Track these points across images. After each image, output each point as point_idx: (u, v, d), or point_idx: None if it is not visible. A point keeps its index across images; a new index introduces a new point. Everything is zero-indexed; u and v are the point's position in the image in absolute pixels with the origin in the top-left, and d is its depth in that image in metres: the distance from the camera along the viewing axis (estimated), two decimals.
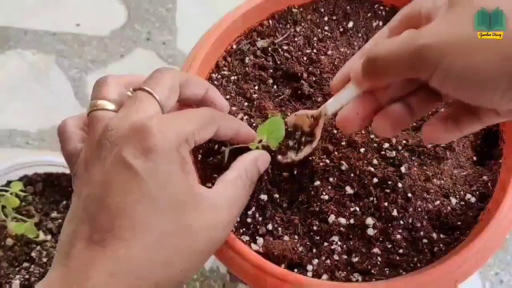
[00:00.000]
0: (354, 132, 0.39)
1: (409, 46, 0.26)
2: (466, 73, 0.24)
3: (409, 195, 0.37)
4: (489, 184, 0.39)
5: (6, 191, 0.56)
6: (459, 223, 0.37)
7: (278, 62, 0.45)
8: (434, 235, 0.37)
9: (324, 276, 0.35)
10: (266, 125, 0.37)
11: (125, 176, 0.28)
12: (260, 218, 0.37)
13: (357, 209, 0.37)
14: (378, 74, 0.29)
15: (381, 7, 0.49)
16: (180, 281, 0.29)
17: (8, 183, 0.60)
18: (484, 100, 0.25)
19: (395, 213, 0.37)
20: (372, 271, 0.35)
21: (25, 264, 0.55)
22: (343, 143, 0.39)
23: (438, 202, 0.38)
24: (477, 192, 0.39)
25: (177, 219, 0.28)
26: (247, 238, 0.37)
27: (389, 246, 0.36)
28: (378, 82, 0.30)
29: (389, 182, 0.37)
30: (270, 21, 0.48)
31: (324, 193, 0.37)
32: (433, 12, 0.27)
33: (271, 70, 0.45)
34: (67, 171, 0.61)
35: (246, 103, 0.43)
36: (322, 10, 0.49)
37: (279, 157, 0.37)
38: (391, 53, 0.27)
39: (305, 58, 0.45)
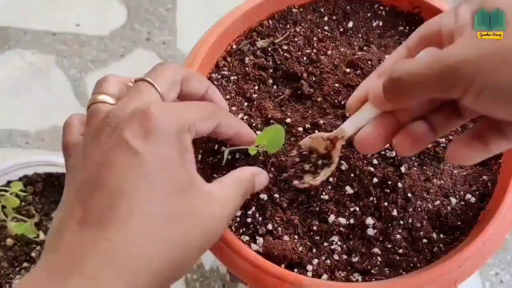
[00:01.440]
0: (373, 153, 0.38)
1: (440, 64, 0.25)
2: (502, 87, 0.23)
3: (409, 195, 0.37)
4: (489, 184, 0.39)
5: (6, 191, 0.56)
6: (459, 223, 0.37)
7: (278, 62, 0.45)
8: (434, 235, 0.37)
9: (324, 276, 0.35)
10: (267, 131, 0.36)
11: (125, 156, 0.27)
12: (260, 218, 0.37)
13: (357, 209, 0.37)
14: (403, 95, 0.28)
15: (381, 7, 0.49)
16: (178, 271, 0.28)
17: (8, 183, 0.60)
18: None
19: (395, 213, 0.37)
20: (372, 271, 0.35)
21: (25, 264, 0.55)
22: (343, 143, 0.39)
23: (438, 202, 0.38)
24: (477, 192, 0.39)
25: (176, 204, 0.28)
26: (247, 238, 0.37)
27: (389, 246, 0.36)
28: (403, 103, 0.29)
29: (389, 182, 0.37)
30: (270, 21, 0.48)
31: (324, 193, 0.37)
32: (456, 30, 0.27)
33: (271, 70, 0.45)
34: None
35: (246, 103, 0.43)
36: (322, 10, 0.49)
37: (295, 182, 0.36)
38: (418, 72, 0.26)
39: (305, 58, 0.45)
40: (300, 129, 0.40)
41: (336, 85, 0.42)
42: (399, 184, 0.37)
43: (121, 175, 0.27)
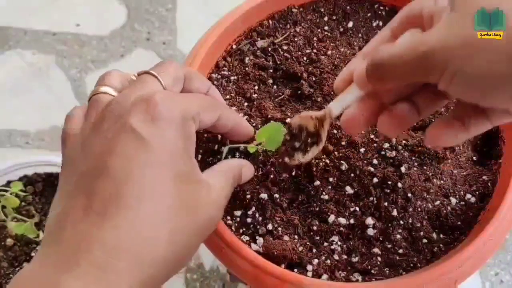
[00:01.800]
0: (358, 133, 0.39)
1: (417, 50, 0.25)
2: (473, 76, 0.24)
3: (409, 195, 0.37)
4: (489, 184, 0.39)
5: (6, 191, 0.56)
6: (459, 223, 0.37)
7: (278, 62, 0.45)
8: (434, 235, 0.37)
9: (324, 276, 0.35)
10: (266, 129, 0.37)
11: (131, 142, 0.27)
12: (260, 218, 0.37)
13: (357, 209, 0.37)
14: (384, 79, 0.28)
15: (381, 7, 0.49)
16: (182, 258, 0.28)
17: (8, 183, 0.59)
18: (493, 101, 0.25)
19: (395, 213, 0.37)
20: (372, 271, 0.35)
21: (25, 264, 0.55)
22: (343, 143, 0.39)
23: (438, 202, 0.38)
24: (477, 192, 0.39)
25: (181, 191, 0.28)
26: (247, 238, 0.37)
27: (389, 246, 0.36)
28: (384, 86, 0.30)
29: (389, 182, 0.37)
30: (270, 21, 0.48)
31: (324, 193, 0.37)
32: (436, 13, 0.27)
33: (271, 70, 0.45)
34: None
35: (246, 103, 0.43)
36: (322, 10, 0.49)
37: (286, 159, 0.37)
38: (398, 57, 0.27)
39: (305, 58, 0.45)
40: None
41: None
42: (399, 184, 0.37)
43: (126, 161, 0.26)
